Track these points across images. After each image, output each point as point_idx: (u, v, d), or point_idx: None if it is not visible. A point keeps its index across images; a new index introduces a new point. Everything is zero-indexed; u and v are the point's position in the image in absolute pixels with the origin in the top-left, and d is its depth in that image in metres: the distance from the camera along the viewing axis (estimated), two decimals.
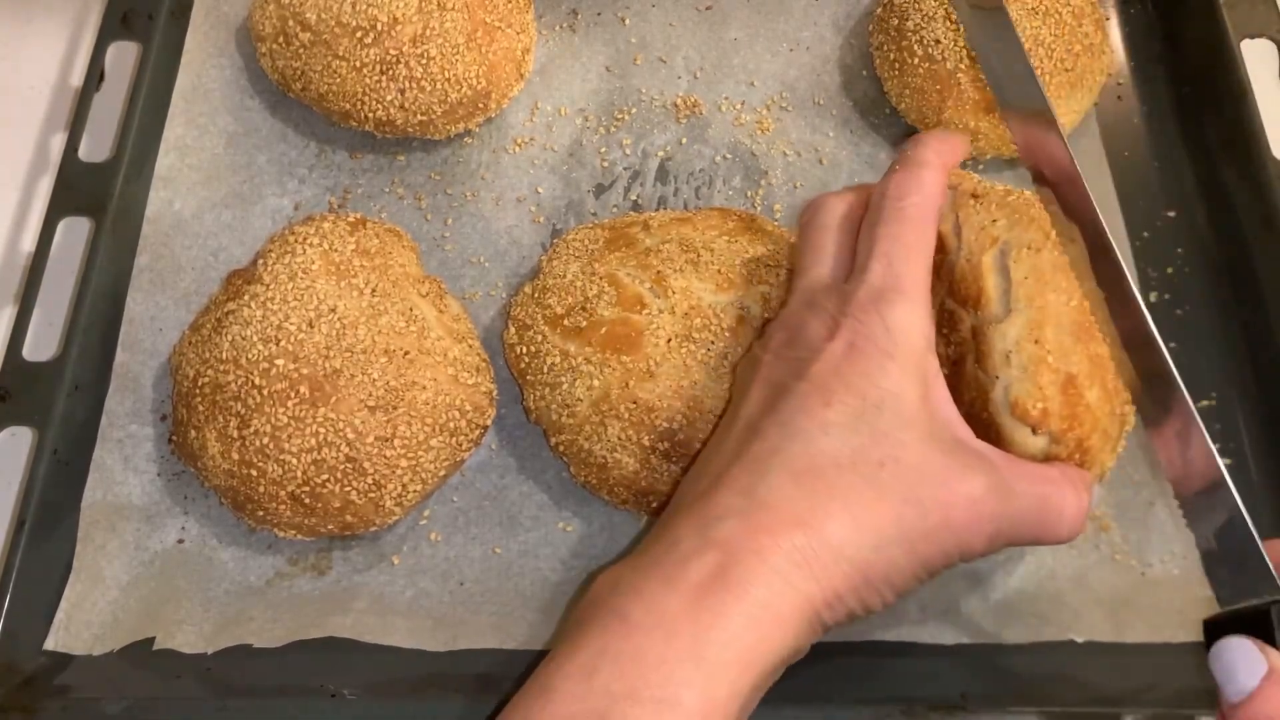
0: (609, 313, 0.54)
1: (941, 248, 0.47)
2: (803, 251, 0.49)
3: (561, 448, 0.55)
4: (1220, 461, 0.42)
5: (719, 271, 0.54)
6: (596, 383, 0.53)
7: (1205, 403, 0.58)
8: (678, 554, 0.40)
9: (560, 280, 0.56)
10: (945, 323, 0.47)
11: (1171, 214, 0.63)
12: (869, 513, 0.40)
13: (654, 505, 0.53)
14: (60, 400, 0.57)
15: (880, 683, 0.51)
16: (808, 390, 0.42)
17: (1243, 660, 0.38)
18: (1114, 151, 0.65)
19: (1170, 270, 0.62)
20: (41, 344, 0.59)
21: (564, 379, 0.54)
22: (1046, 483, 0.43)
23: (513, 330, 0.57)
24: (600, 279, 0.55)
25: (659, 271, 0.54)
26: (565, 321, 0.54)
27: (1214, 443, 0.42)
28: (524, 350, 0.56)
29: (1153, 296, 0.61)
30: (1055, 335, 0.44)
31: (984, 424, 0.45)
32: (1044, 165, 0.48)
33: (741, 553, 0.39)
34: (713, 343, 0.52)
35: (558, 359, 0.54)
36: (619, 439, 0.52)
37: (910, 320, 0.43)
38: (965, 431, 0.43)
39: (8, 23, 0.76)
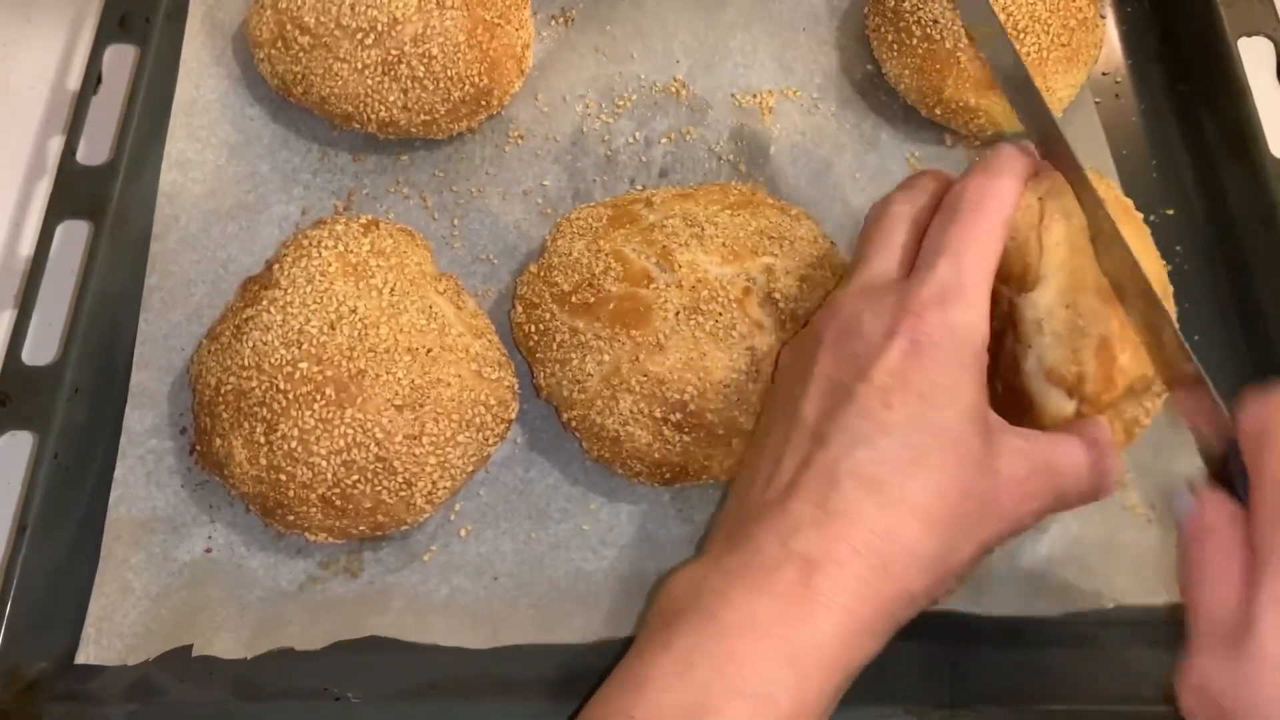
0: (616, 288, 0.54)
1: None
2: (867, 243, 0.49)
3: (573, 423, 0.55)
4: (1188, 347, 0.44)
5: (724, 244, 0.55)
6: (606, 357, 0.54)
7: None
8: (760, 562, 0.41)
9: (566, 258, 0.57)
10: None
11: (1170, 212, 0.64)
12: (935, 512, 0.42)
13: (667, 476, 0.54)
14: (60, 404, 0.57)
15: (885, 682, 0.51)
16: (868, 392, 0.43)
17: (1177, 504, 0.41)
18: (1112, 149, 0.66)
19: (1169, 268, 0.62)
20: (41, 348, 0.58)
21: (573, 355, 0.54)
22: (1081, 451, 0.45)
23: (520, 309, 0.57)
24: (606, 255, 0.55)
25: (664, 246, 0.55)
26: (573, 298, 0.55)
27: None
28: (532, 328, 0.56)
29: None
30: (1086, 300, 0.45)
31: (1017, 394, 0.47)
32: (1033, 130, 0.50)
33: (824, 563, 0.40)
34: (720, 314, 0.53)
35: (566, 335, 0.55)
36: (631, 412, 0.53)
37: (971, 321, 0.44)
38: (1004, 422, 0.45)
39: (4, 25, 0.76)
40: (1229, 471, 0.41)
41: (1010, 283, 0.47)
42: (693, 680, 0.39)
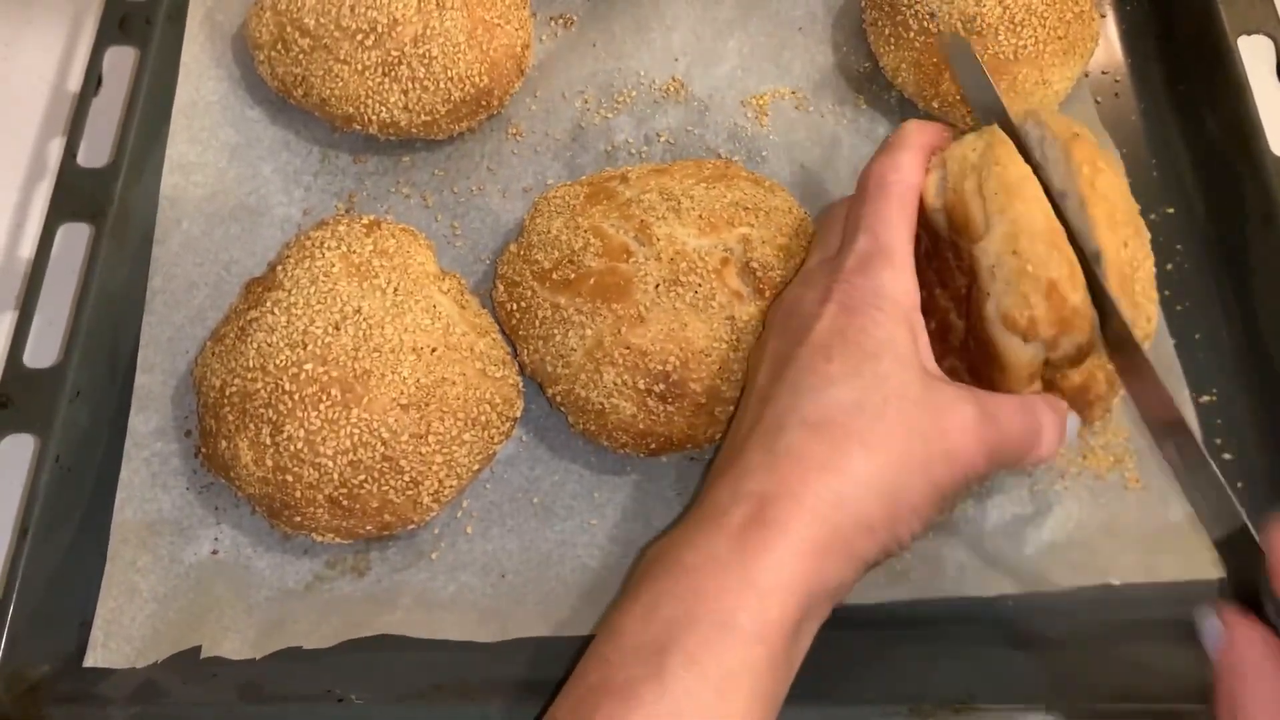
0: (596, 263, 0.55)
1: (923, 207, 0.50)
2: (813, 247, 0.53)
3: (559, 398, 0.56)
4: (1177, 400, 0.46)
5: (700, 217, 0.56)
6: (589, 332, 0.54)
7: (1206, 398, 0.59)
8: (717, 508, 0.44)
9: (545, 236, 0.58)
10: (956, 258, 0.49)
11: (1170, 210, 0.64)
12: (884, 448, 0.43)
13: (653, 446, 0.55)
14: (62, 407, 0.56)
15: (888, 680, 0.52)
16: (809, 352, 0.46)
17: (1206, 630, 0.42)
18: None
19: (1170, 267, 0.62)
20: (42, 350, 0.58)
21: (556, 331, 0.55)
22: (1025, 408, 0.47)
23: (501, 288, 0.58)
24: (585, 232, 0.56)
25: (642, 220, 0.56)
26: (554, 275, 0.56)
27: (1215, 438, 0.43)
28: (514, 307, 0.57)
29: None
30: (1030, 243, 0.45)
31: (984, 344, 0.48)
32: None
33: (776, 498, 0.43)
34: (700, 285, 0.54)
35: (549, 312, 0.56)
36: (615, 384, 0.54)
37: (896, 280, 0.47)
38: (945, 377, 0.47)
39: (4, 27, 0.76)
40: (1245, 588, 0.42)
41: (963, 235, 0.48)
42: (658, 618, 0.41)
